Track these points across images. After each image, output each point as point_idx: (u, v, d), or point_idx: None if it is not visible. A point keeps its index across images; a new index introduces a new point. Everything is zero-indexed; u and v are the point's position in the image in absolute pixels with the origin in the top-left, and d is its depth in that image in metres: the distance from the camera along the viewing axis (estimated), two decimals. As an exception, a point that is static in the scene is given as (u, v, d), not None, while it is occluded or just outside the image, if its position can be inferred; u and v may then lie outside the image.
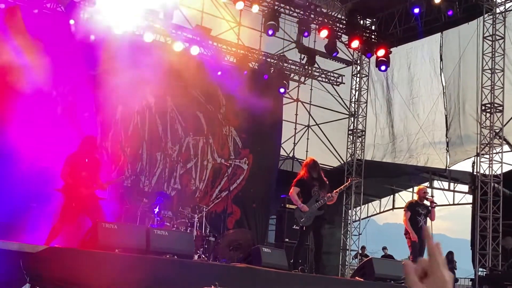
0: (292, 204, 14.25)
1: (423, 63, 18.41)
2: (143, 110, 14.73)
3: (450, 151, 17.64)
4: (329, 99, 19.11)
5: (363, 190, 17.89)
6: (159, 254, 7.48)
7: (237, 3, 13.60)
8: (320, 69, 18.41)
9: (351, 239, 17.95)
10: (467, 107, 16.88)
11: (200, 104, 15.79)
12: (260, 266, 8.30)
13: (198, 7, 16.26)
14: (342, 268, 17.78)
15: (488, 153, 14.46)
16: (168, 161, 15.00)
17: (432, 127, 17.95)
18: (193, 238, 9.82)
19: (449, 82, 17.60)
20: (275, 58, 17.35)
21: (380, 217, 24.28)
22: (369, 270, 9.01)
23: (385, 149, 19.19)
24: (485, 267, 14.09)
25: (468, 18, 15.46)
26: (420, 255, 10.17)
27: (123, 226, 8.28)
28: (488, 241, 14.02)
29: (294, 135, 19.18)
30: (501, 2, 14.96)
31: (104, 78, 13.83)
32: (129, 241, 7.36)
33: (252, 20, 16.89)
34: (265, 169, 16.45)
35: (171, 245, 7.78)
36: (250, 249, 9.51)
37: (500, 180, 14.38)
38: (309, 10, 14.84)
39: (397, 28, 16.13)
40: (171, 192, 14.60)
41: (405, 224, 10.32)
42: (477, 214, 14.31)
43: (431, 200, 10.50)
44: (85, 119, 13.49)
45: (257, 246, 9.17)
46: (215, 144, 15.94)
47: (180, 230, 10.88)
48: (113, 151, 13.79)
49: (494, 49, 14.49)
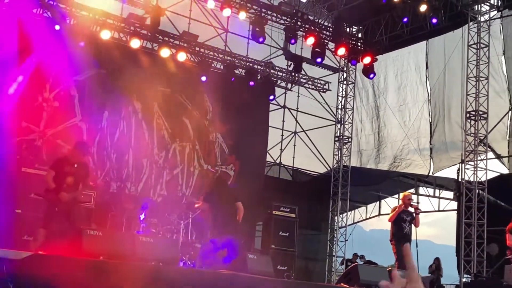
0: (279, 210, 14.31)
1: (409, 71, 18.56)
2: (129, 116, 14.70)
3: (435, 158, 17.76)
4: (315, 106, 19.19)
5: (350, 196, 17.95)
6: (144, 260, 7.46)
7: (224, 10, 13.64)
8: (307, 76, 18.49)
9: (337, 245, 17.98)
10: (452, 114, 17.03)
11: (187, 110, 15.79)
12: (246, 272, 8.30)
13: (185, 13, 16.28)
14: (329, 275, 17.79)
15: (473, 160, 14.57)
16: (154, 168, 14.96)
17: (418, 134, 18.10)
18: (179, 245, 9.80)
19: (434, 89, 17.75)
20: (262, 64, 17.41)
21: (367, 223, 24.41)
22: (354, 276, 9.04)
23: (370, 155, 19.30)
24: (470, 273, 14.17)
25: (453, 26, 15.60)
26: (405, 261, 10.22)
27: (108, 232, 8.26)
28: (473, 247, 14.10)
29: (281, 141, 19.23)
30: (486, 10, 15.11)
31: (90, 83, 13.81)
32: (114, 247, 7.34)
33: (239, 27, 16.95)
34: (252, 175, 16.45)
35: (156, 251, 7.77)
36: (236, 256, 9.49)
37: (484, 187, 14.49)
38: (296, 18, 14.90)
39: (383, 36, 16.25)
40: (158, 198, 14.56)
41: (392, 215, 10.33)
42: (462, 221, 14.40)
43: (415, 207, 10.57)
44: (71, 125, 13.45)
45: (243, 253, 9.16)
46: (201, 151, 15.93)
47: (166, 237, 10.85)
48: (99, 157, 13.75)
49: (478, 57, 14.63)
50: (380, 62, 17.03)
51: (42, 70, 13.16)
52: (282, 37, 16.28)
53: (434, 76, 17.77)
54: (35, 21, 13.27)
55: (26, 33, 12.54)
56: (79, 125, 13.66)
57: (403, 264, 10.15)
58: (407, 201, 10.57)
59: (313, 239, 18.26)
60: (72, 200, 8.24)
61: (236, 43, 17.35)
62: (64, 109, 13.53)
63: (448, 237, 27.54)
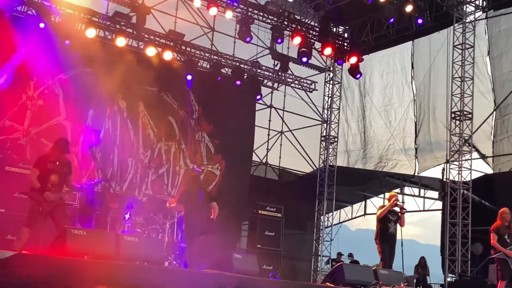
0: (265, 210, 14.31)
1: (395, 71, 18.64)
2: (114, 114, 14.62)
3: (420, 158, 17.86)
4: (302, 106, 19.20)
5: (335, 196, 17.99)
6: (129, 260, 7.40)
7: (211, 9, 13.59)
8: (294, 76, 18.50)
9: (323, 245, 18.02)
10: (437, 114, 17.12)
11: (173, 109, 15.74)
12: (232, 272, 8.28)
13: (171, 12, 16.22)
14: (314, 274, 17.82)
15: (458, 160, 14.66)
16: (139, 167, 14.89)
17: (403, 134, 18.18)
18: (164, 244, 9.74)
19: (420, 89, 17.84)
20: (249, 64, 17.39)
21: (352, 223, 24.45)
22: (340, 276, 9.05)
23: (357, 155, 19.36)
24: (454, 273, 14.26)
25: (439, 27, 15.70)
26: (390, 260, 10.26)
27: (93, 232, 8.18)
28: (458, 247, 14.19)
29: (267, 141, 19.22)
30: (471, 11, 15.22)
31: (75, 82, 13.72)
32: (98, 247, 7.26)
33: (225, 26, 16.93)
34: (238, 175, 16.44)
35: (141, 251, 7.70)
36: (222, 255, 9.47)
37: (469, 187, 14.58)
38: (283, 17, 14.90)
39: (369, 36, 16.30)
40: (143, 198, 14.48)
41: (382, 211, 10.35)
42: (447, 220, 14.48)
43: (400, 206, 10.59)
44: (55, 123, 13.35)
45: (229, 252, 9.13)
46: (187, 150, 15.88)
47: (151, 237, 10.80)
48: (83, 156, 13.64)
49: (464, 58, 14.73)
50: (366, 62, 17.07)
51: (27, 68, 13.05)
52: (268, 37, 16.28)
53: (419, 76, 17.86)
54: (20, 19, 13.16)
55: (10, 31, 12.43)
56: (63, 123, 13.56)
57: (387, 263, 10.19)
58: (394, 200, 10.59)
59: (299, 239, 18.28)
60: (57, 199, 8.16)
61: (222, 42, 17.33)
62: (48, 108, 13.42)
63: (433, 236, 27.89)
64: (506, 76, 16.27)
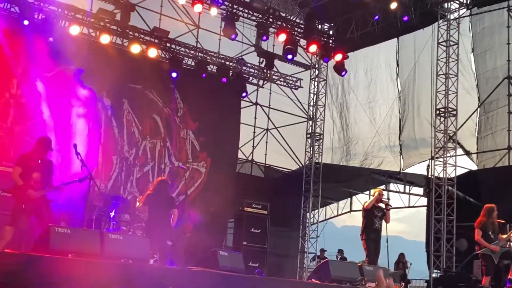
0: (251, 207, 14.29)
1: (379, 68, 18.70)
2: (98, 112, 14.52)
3: (404, 154, 17.94)
4: (287, 103, 19.20)
5: (321, 193, 18.01)
6: (114, 258, 7.35)
7: (195, 6, 13.54)
8: (279, 73, 18.50)
9: (309, 241, 18.05)
10: (422, 111, 17.20)
11: (158, 107, 15.67)
12: (217, 269, 8.26)
13: (156, 8, 16.14)
14: (300, 271, 17.83)
15: (442, 157, 14.74)
16: (124, 165, 14.82)
17: (388, 130, 18.25)
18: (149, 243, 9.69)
19: (405, 86, 17.91)
20: (234, 61, 17.35)
21: (338, 219, 24.49)
22: (325, 272, 9.04)
23: (341, 152, 19.40)
24: (439, 268, 14.34)
25: (423, 24, 15.74)
26: (375, 256, 10.29)
27: (77, 230, 8.10)
28: (443, 243, 14.28)
29: (253, 138, 19.21)
30: (455, 8, 15.28)
31: (59, 79, 13.60)
32: (82, 245, 7.20)
33: (210, 23, 16.87)
34: (223, 172, 16.40)
35: (126, 249, 7.65)
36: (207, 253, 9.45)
37: (454, 183, 14.66)
38: (268, 14, 14.89)
39: (354, 33, 16.32)
40: (128, 196, 14.42)
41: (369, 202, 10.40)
42: (432, 216, 14.56)
43: (386, 203, 10.62)
44: (38, 121, 13.22)
45: (214, 249, 9.10)
46: (172, 148, 15.83)
47: (136, 235, 10.74)
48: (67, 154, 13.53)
49: (448, 55, 14.79)
50: (351, 59, 17.10)
51: (10, 66, 12.93)
52: (254, 34, 16.26)
53: (404, 73, 17.93)
54: (3, 16, 13.03)
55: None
56: (47, 121, 13.44)
57: (373, 260, 10.22)
58: (379, 196, 10.61)
59: (284, 236, 18.28)
60: (40, 197, 8.11)
61: (207, 39, 17.28)
62: (31, 106, 13.30)
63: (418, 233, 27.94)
64: (490, 73, 16.38)
